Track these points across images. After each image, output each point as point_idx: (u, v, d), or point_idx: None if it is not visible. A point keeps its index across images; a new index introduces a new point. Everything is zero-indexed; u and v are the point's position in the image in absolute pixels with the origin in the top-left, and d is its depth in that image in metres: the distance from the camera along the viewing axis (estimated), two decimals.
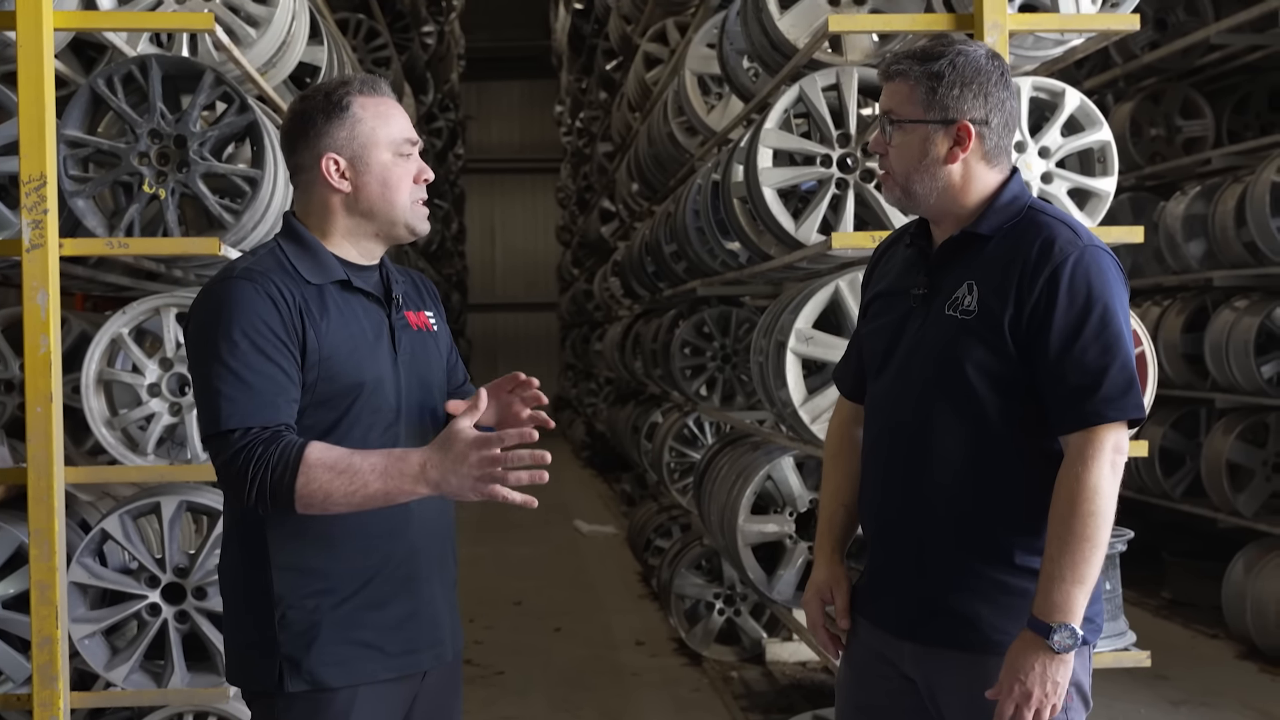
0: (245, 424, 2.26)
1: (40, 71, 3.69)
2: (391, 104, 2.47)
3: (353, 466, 2.22)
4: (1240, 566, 6.77)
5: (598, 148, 13.14)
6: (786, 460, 4.86)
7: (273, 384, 2.29)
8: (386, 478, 2.22)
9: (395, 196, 2.44)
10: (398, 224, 2.46)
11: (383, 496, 2.24)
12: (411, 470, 2.22)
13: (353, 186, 2.42)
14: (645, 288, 9.21)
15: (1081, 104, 4.24)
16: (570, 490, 14.20)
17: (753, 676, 6.30)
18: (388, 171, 2.43)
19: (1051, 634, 2.29)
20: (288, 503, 2.23)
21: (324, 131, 2.41)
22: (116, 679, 3.86)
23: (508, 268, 25.32)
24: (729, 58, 5.73)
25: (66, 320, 4.23)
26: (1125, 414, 2.34)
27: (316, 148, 2.41)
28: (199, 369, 2.33)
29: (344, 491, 2.22)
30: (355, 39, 8.60)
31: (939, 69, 2.44)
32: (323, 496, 2.22)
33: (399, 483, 2.23)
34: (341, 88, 2.43)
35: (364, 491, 2.23)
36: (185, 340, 2.44)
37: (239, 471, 2.23)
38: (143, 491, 4.05)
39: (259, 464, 2.22)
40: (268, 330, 2.30)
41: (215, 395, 2.28)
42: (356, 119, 2.41)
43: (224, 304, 2.32)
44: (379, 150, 2.42)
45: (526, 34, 22.83)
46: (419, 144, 2.49)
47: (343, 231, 2.46)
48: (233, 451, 2.25)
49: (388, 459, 2.24)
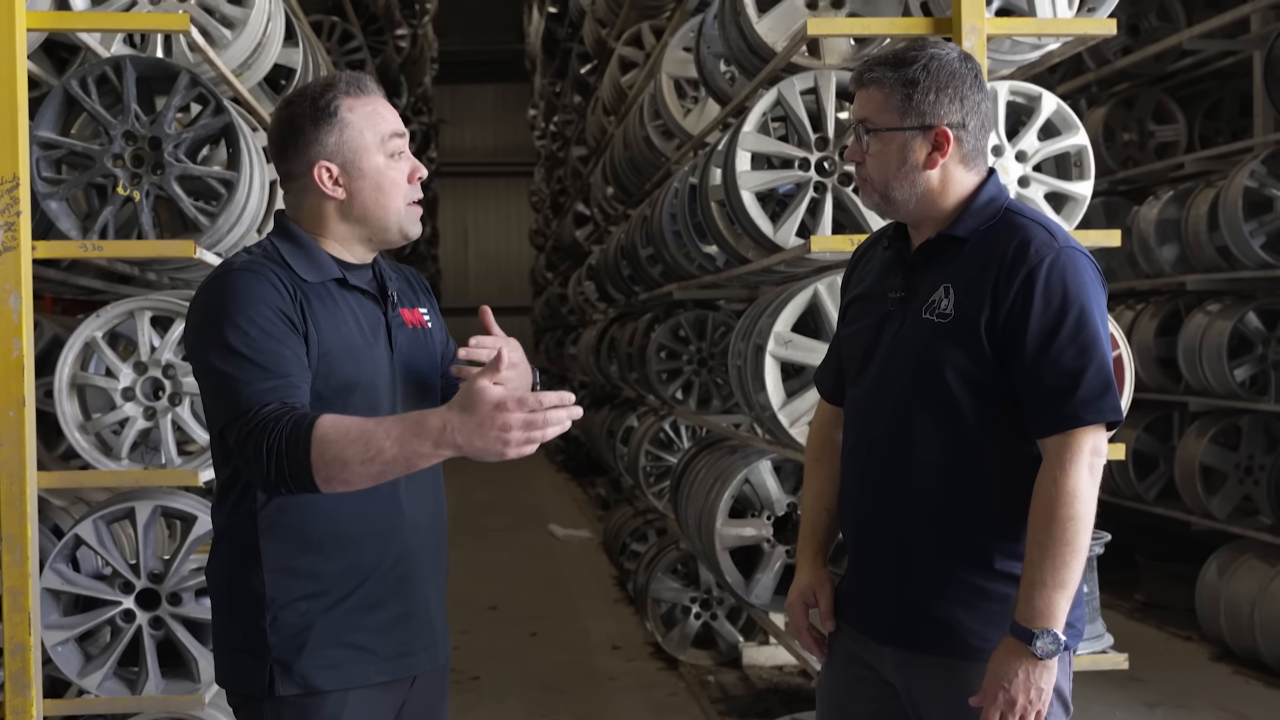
0: (261, 403, 2.19)
1: (13, 72, 3.65)
2: (379, 101, 2.43)
3: (367, 433, 2.12)
4: (1213, 569, 6.81)
5: (572, 151, 13.12)
6: (764, 464, 4.85)
7: (285, 364, 2.24)
8: (403, 442, 2.11)
9: (389, 201, 2.41)
10: (391, 229, 2.43)
11: (403, 462, 2.13)
12: (431, 433, 2.10)
13: (347, 193, 2.39)
14: (621, 291, 9.19)
15: (1058, 108, 4.25)
16: (544, 494, 14.18)
17: (729, 680, 6.29)
18: (381, 176, 2.40)
19: (1034, 640, 2.29)
20: (306, 477, 2.14)
21: (313, 139, 2.37)
22: (90, 686, 3.82)
23: (481, 271, 25.28)
24: (706, 61, 5.73)
25: (39, 324, 4.20)
26: (1103, 416, 2.33)
27: (307, 155, 2.37)
28: (206, 360, 2.27)
29: (361, 459, 2.11)
30: (330, 41, 8.57)
31: (913, 75, 2.43)
32: (340, 466, 2.12)
33: (417, 446, 2.11)
34: (327, 92, 2.39)
35: (381, 458, 2.12)
36: (187, 335, 2.37)
37: (254, 453, 2.16)
38: (117, 496, 4.02)
39: (271, 441, 2.14)
40: (275, 314, 2.27)
41: (228, 381, 2.22)
42: (345, 123, 2.37)
43: (228, 294, 2.29)
44: (371, 154, 2.39)
45: (500, 38, 22.82)
46: (406, 135, 2.45)
47: (336, 236, 2.43)
48: (245, 433, 2.18)
49: (403, 424, 2.13)
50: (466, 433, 2.08)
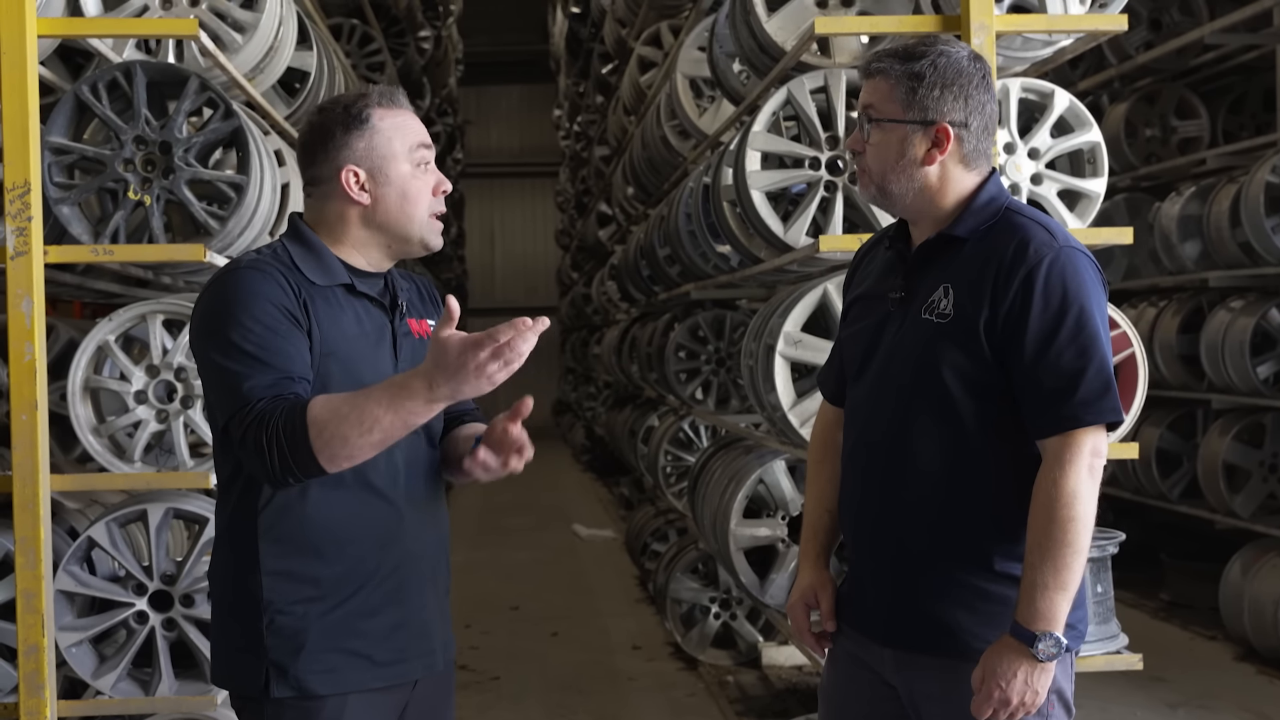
0: (259, 397, 2.22)
1: (24, 78, 3.68)
2: (409, 115, 2.47)
3: (358, 406, 2.17)
4: (1237, 568, 6.75)
5: (595, 151, 13.13)
6: (778, 464, 4.84)
7: (287, 360, 2.27)
8: (395, 406, 2.16)
9: (414, 210, 2.44)
10: (412, 239, 2.46)
11: (400, 424, 2.18)
12: (419, 391, 2.16)
13: (372, 199, 2.42)
14: (641, 291, 9.20)
15: (1071, 105, 4.23)
16: (569, 494, 14.20)
17: (748, 681, 6.28)
18: (407, 184, 2.42)
19: (1036, 642, 2.27)
20: (310, 460, 2.17)
21: (343, 144, 2.40)
22: (104, 687, 3.85)
23: (507, 272, 25.31)
24: (719, 60, 5.72)
25: (54, 328, 4.23)
26: (1102, 417, 2.31)
27: (336, 160, 2.41)
28: (209, 357, 2.30)
29: (359, 432, 2.16)
30: (349, 44, 8.59)
31: (920, 69, 2.42)
32: (341, 443, 2.16)
33: (410, 404, 2.16)
34: (360, 100, 2.43)
35: (379, 426, 2.16)
36: (192, 331, 2.40)
37: (255, 447, 2.19)
38: (130, 499, 4.04)
39: (270, 433, 2.18)
40: (279, 312, 2.29)
41: (230, 377, 2.25)
42: (375, 130, 2.41)
43: (233, 290, 2.31)
44: (398, 162, 2.42)
45: (525, 38, 22.82)
46: (433, 149, 2.48)
47: (354, 242, 2.45)
48: (245, 428, 2.21)
49: (389, 388, 2.18)
50: (448, 379, 2.14)
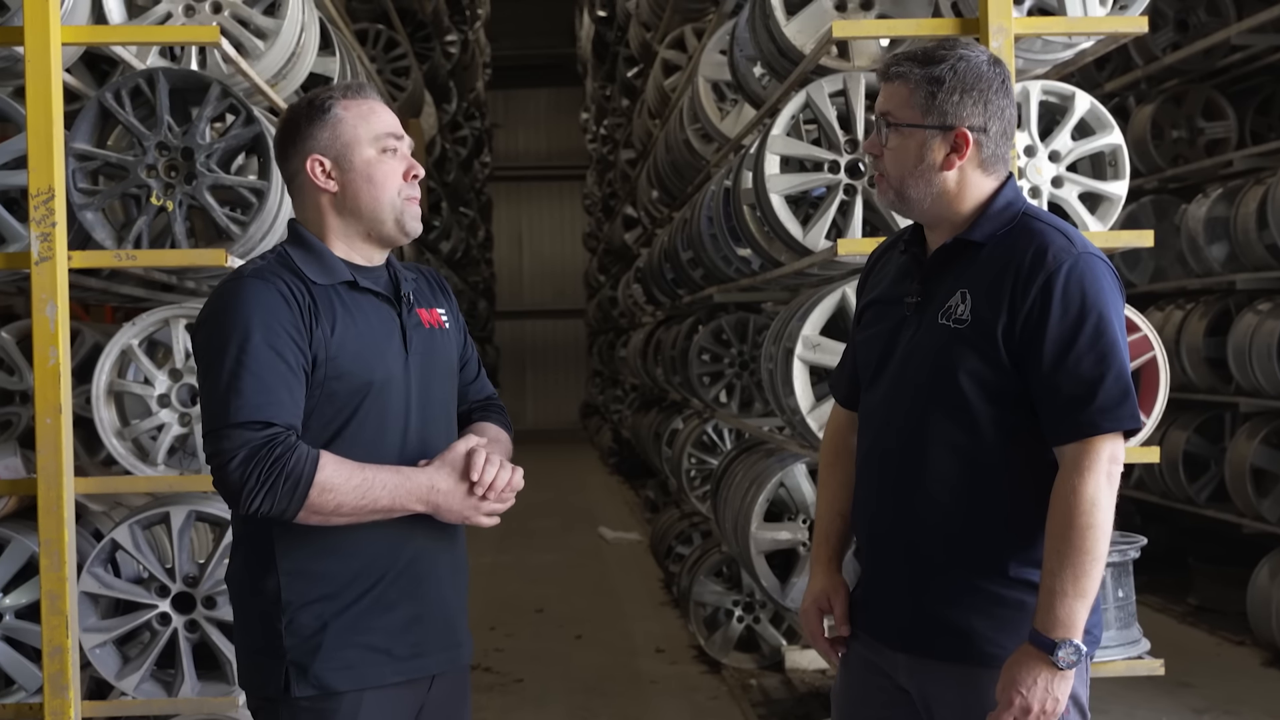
0: (252, 418, 2.27)
1: (48, 85, 3.72)
2: (375, 104, 2.50)
3: (366, 481, 2.33)
4: (1265, 572, 6.70)
5: (621, 154, 13.14)
6: (799, 468, 4.84)
7: (283, 381, 2.31)
8: (395, 496, 2.35)
9: (380, 193, 2.45)
10: (386, 222, 2.47)
11: (386, 513, 2.36)
12: (419, 491, 2.37)
13: (339, 185, 2.45)
14: (665, 294, 9.21)
15: (1092, 107, 4.21)
16: (596, 497, 14.21)
17: (771, 684, 6.27)
18: (372, 168, 2.45)
19: (1056, 650, 2.26)
20: (295, 510, 2.28)
21: (308, 134, 2.45)
22: (128, 688, 3.88)
23: (535, 275, 25.35)
24: (739, 64, 5.72)
25: (79, 332, 4.26)
26: (1121, 424, 2.30)
27: (302, 151, 2.46)
28: (209, 365, 2.34)
29: (353, 505, 2.32)
30: (375, 49, 8.64)
31: (940, 74, 2.41)
32: (333, 508, 2.30)
33: (406, 501, 2.37)
34: (324, 93, 2.48)
35: (372, 506, 2.34)
36: (194, 338, 2.45)
37: (243, 475, 2.25)
38: (153, 501, 4.08)
39: (269, 471, 2.25)
40: (279, 327, 2.32)
41: (224, 390, 2.29)
42: (338, 119, 2.45)
43: (235, 301, 2.35)
44: (361, 147, 2.45)
45: (552, 42, 22.87)
46: (404, 139, 2.50)
47: (337, 233, 2.48)
48: (236, 449, 2.26)
49: (398, 477, 2.36)
50: (446, 497, 2.39)
